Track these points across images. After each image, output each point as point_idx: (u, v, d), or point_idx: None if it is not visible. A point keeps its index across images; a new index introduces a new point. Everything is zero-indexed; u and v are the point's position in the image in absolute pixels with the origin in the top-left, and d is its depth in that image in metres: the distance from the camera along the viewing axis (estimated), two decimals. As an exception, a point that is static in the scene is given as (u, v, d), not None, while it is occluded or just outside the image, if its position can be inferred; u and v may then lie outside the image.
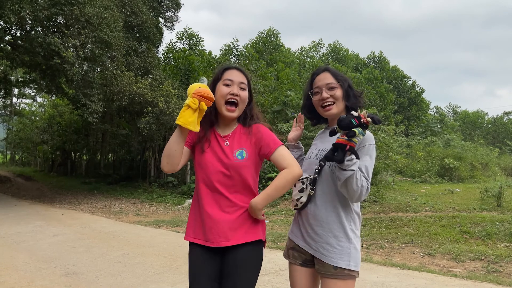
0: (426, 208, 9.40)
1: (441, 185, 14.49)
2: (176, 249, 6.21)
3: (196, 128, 1.93)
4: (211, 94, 1.92)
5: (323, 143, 2.12)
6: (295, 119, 2.42)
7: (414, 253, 6.32)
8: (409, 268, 5.23)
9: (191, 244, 2.07)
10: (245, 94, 2.06)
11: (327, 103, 2.08)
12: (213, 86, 2.09)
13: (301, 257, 2.08)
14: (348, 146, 1.82)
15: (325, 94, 2.07)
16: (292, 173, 1.95)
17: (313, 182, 2.00)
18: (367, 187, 1.87)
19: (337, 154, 1.84)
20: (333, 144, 1.87)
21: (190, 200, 12.72)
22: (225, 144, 2.05)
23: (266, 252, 5.82)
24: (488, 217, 8.11)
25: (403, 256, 6.18)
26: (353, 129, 1.81)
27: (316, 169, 2.03)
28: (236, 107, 2.04)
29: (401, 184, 14.22)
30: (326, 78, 2.10)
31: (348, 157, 1.83)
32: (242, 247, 1.97)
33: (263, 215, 2.05)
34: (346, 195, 1.91)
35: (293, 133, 2.36)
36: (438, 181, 15.99)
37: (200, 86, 1.93)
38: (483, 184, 12.38)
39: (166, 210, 11.78)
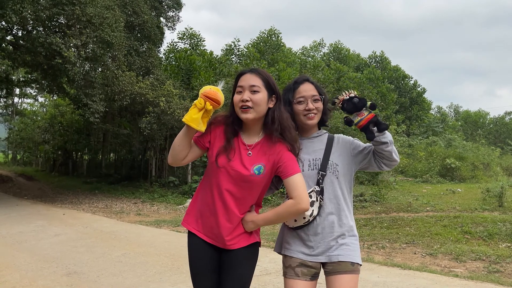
0: (428, 208, 9.39)
1: (442, 185, 14.48)
2: (177, 249, 6.22)
3: (200, 127, 1.94)
4: (218, 97, 1.92)
5: (309, 154, 2.15)
6: None
7: (415, 253, 6.31)
8: (410, 268, 5.23)
9: (191, 232, 2.11)
10: (258, 97, 1.98)
11: (312, 114, 2.15)
12: (232, 95, 2.07)
13: (311, 272, 2.10)
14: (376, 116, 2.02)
15: (311, 105, 2.14)
16: (297, 206, 1.94)
17: (321, 192, 2.07)
18: None
19: (380, 125, 1.98)
20: (365, 126, 2.00)
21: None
22: (247, 154, 2.02)
23: (267, 252, 5.84)
24: (490, 217, 8.10)
25: (404, 256, 6.17)
26: (370, 102, 2.00)
27: (318, 179, 2.08)
28: (250, 109, 1.99)
29: (402, 184, 14.21)
30: (311, 90, 2.17)
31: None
32: (242, 248, 2.05)
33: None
34: (395, 157, 2.05)
35: None
36: (440, 181, 15.97)
37: (211, 88, 1.93)
38: (484, 184, 12.36)
39: (167, 210, 11.79)
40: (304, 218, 2.05)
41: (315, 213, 2.05)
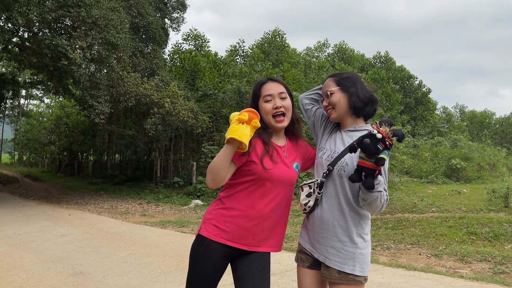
0: (433, 209, 9.36)
1: (448, 186, 14.41)
2: (182, 250, 6.24)
3: (247, 143, 1.88)
4: (256, 112, 1.93)
5: (336, 145, 2.11)
6: None
7: (420, 254, 6.30)
8: (415, 269, 5.22)
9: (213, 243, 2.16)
10: (288, 102, 2.09)
11: (328, 109, 2.13)
12: (254, 104, 2.11)
13: (309, 260, 2.10)
14: (377, 171, 1.74)
15: (324, 102, 2.13)
16: None
17: (320, 186, 2.02)
18: (387, 198, 1.89)
19: (367, 179, 1.73)
20: (359, 167, 1.76)
21: (196, 201, 12.74)
22: (285, 155, 2.12)
23: (271, 253, 5.84)
24: (495, 218, 8.05)
25: (409, 257, 6.16)
26: (381, 156, 1.66)
27: (323, 173, 2.03)
28: (284, 117, 2.08)
29: (407, 185, 14.15)
30: (326, 86, 2.14)
31: (376, 181, 1.76)
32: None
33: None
34: (368, 210, 1.96)
35: None
36: (445, 181, 15.89)
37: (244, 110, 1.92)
38: (490, 184, 12.30)
39: (172, 211, 11.82)
40: (301, 206, 2.10)
41: (311, 203, 2.03)
